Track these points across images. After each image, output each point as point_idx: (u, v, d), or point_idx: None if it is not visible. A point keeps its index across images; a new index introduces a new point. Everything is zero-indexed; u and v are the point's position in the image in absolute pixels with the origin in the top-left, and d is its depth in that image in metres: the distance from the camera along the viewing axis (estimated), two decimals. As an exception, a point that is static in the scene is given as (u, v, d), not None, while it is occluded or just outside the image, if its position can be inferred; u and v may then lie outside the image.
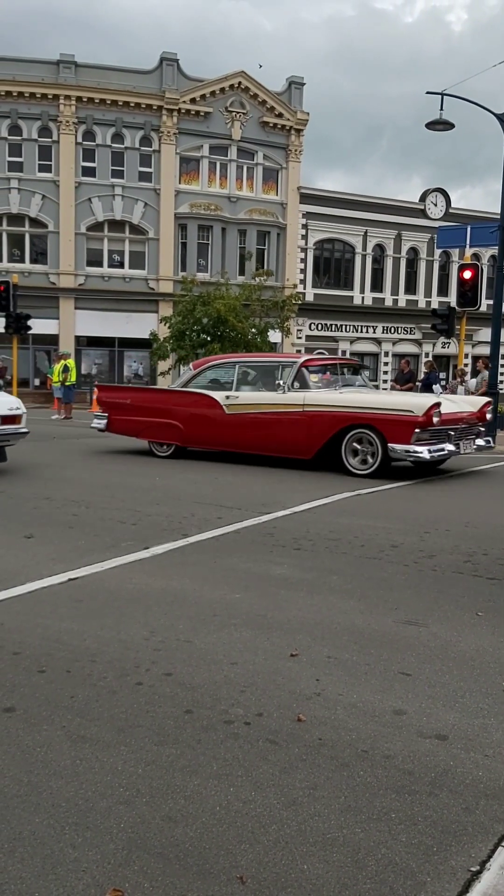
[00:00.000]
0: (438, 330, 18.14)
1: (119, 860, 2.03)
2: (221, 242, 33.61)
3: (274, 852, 2.07)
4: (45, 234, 31.81)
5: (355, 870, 2.01)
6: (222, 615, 4.03)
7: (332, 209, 35.56)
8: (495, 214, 17.60)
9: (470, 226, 19.67)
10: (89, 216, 32.04)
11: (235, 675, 3.24)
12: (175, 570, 4.91)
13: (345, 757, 2.58)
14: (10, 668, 3.30)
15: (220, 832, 2.16)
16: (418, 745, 2.68)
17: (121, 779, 2.43)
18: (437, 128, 17.43)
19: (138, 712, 2.90)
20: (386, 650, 3.57)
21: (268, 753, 2.60)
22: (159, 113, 32.28)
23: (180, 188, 33.06)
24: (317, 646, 3.61)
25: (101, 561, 5.08)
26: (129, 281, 32.75)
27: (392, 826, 2.20)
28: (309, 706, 2.96)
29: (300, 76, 34.95)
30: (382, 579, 4.77)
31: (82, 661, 3.38)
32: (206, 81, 32.92)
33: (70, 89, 30.90)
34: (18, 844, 2.10)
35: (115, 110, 31.77)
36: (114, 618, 3.96)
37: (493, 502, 8.11)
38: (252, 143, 34.05)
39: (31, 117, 31.07)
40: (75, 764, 2.52)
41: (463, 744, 2.69)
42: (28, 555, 5.26)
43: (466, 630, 3.87)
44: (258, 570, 4.93)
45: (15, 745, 2.64)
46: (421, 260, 38.02)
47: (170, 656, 3.45)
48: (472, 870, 2.01)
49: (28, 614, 4.02)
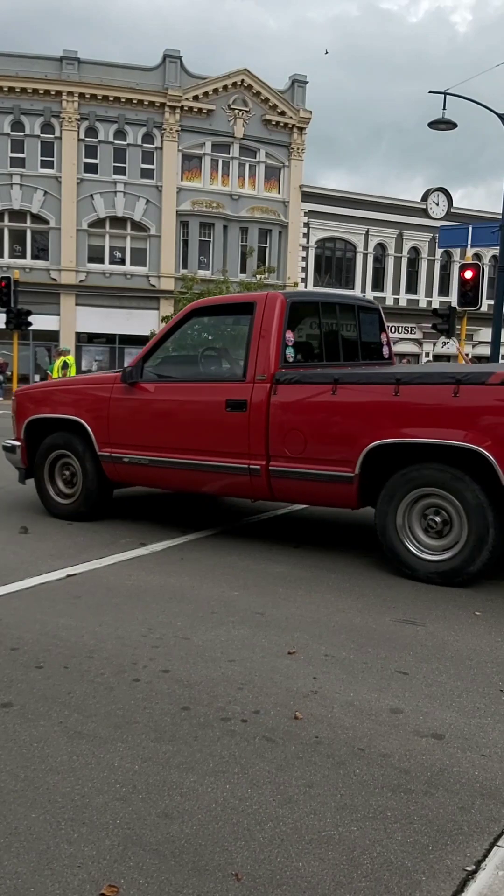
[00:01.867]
0: (439, 330, 18.17)
1: (115, 856, 2.04)
2: (223, 240, 33.59)
3: (269, 850, 2.07)
4: (47, 230, 31.78)
5: (350, 868, 2.01)
6: (220, 612, 4.04)
7: (333, 208, 35.54)
8: (497, 214, 17.62)
9: (471, 226, 19.66)
10: (91, 213, 32.00)
11: (233, 673, 3.24)
12: (173, 567, 4.91)
13: (341, 755, 2.59)
14: (7, 664, 3.30)
15: (215, 829, 2.16)
16: (415, 743, 2.68)
17: (117, 775, 2.43)
18: (440, 127, 17.42)
19: (135, 709, 2.90)
20: (383, 649, 3.57)
21: (264, 751, 2.60)
22: (162, 110, 32.24)
23: (182, 185, 33.03)
24: (314, 644, 3.61)
25: (100, 557, 5.08)
26: (131, 278, 32.73)
27: (388, 825, 2.20)
28: (306, 704, 2.97)
29: (303, 74, 34.93)
30: (381, 578, 4.77)
31: (80, 658, 3.38)
32: (209, 79, 32.87)
33: (73, 86, 30.86)
34: (14, 840, 2.10)
35: (117, 107, 31.73)
36: (112, 614, 3.97)
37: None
38: (254, 140, 34.01)
39: (33, 113, 31.03)
40: (72, 760, 2.52)
41: (459, 743, 2.69)
42: (27, 551, 5.26)
43: (464, 629, 3.87)
44: (257, 568, 4.93)
45: (12, 741, 2.64)
46: (422, 259, 38.01)
47: (167, 653, 3.45)
48: (467, 869, 2.01)
49: (26, 610, 4.02)
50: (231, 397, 5.30)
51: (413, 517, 4.75)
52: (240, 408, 5.25)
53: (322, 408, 4.98)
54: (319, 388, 5.00)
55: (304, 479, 5.07)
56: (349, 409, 4.88)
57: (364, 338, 6.37)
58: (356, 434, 4.81)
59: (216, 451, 5.39)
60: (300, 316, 5.68)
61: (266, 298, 5.40)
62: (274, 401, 5.14)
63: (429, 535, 4.71)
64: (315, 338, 5.92)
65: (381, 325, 6.65)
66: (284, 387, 5.13)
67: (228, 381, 5.45)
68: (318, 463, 4.99)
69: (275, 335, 5.27)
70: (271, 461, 5.18)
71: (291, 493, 5.27)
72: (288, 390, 5.12)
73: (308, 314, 5.85)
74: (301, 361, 5.56)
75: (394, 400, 4.70)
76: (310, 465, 5.02)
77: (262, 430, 5.17)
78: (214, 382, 5.51)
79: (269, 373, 5.22)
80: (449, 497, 4.57)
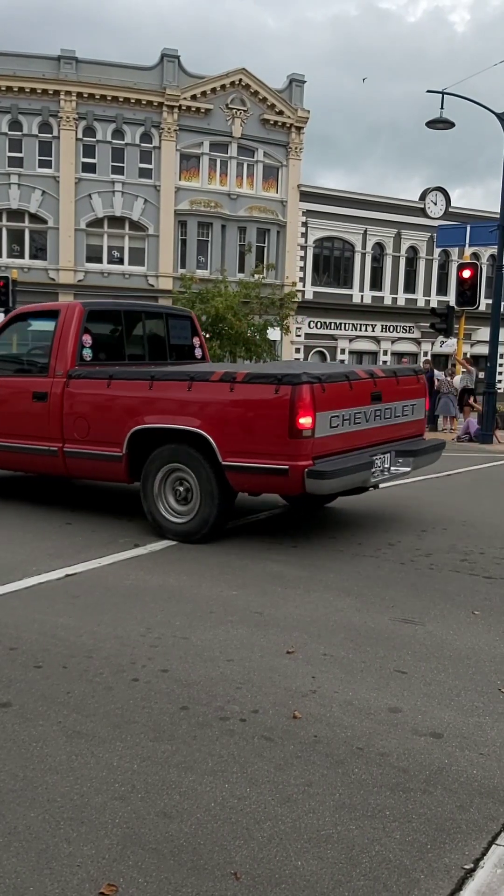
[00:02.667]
0: (437, 329, 18.14)
1: (114, 855, 2.04)
2: (221, 240, 33.56)
3: (268, 849, 2.08)
4: (45, 229, 31.74)
5: (349, 867, 2.01)
6: (219, 612, 4.04)
7: (332, 207, 35.50)
8: (495, 214, 17.60)
9: (469, 225, 19.67)
10: (89, 212, 31.96)
11: (231, 672, 3.25)
12: (172, 567, 4.92)
13: (340, 754, 2.59)
14: (6, 664, 3.30)
15: (214, 828, 2.17)
16: (413, 742, 2.68)
17: (116, 774, 2.44)
18: (438, 126, 17.41)
19: (134, 708, 2.90)
20: (382, 648, 3.57)
21: (263, 750, 2.60)
22: (160, 109, 32.20)
23: (180, 185, 33.00)
24: (313, 643, 3.61)
25: (99, 557, 5.08)
26: (129, 277, 32.70)
27: (386, 823, 2.21)
28: (304, 703, 2.97)
29: (301, 74, 34.91)
30: (379, 577, 4.77)
31: (79, 657, 3.39)
32: (207, 78, 32.83)
33: (71, 85, 30.80)
34: (14, 839, 2.11)
35: (115, 106, 31.68)
36: (110, 614, 3.97)
37: (492, 501, 8.11)
38: (252, 140, 33.97)
39: (31, 113, 30.97)
40: (71, 759, 2.52)
41: (458, 742, 2.69)
42: (26, 550, 5.26)
43: (462, 628, 3.88)
44: (255, 567, 4.93)
45: (11, 741, 2.65)
46: (420, 259, 37.99)
47: (166, 653, 3.45)
48: (465, 867, 2.01)
49: (25, 610, 4.02)
50: (37, 390, 6.29)
51: (167, 487, 5.72)
52: (43, 399, 6.24)
53: (100, 399, 5.99)
54: (99, 383, 6.00)
55: (89, 459, 6.04)
56: (118, 401, 5.88)
57: (173, 341, 7.48)
58: (123, 421, 5.77)
59: (32, 435, 6.34)
60: (100, 322, 6.73)
61: (67, 307, 6.44)
62: (66, 392, 6.11)
63: (178, 501, 5.69)
64: (118, 341, 6.94)
65: (194, 330, 7.77)
66: (75, 381, 6.10)
67: (37, 376, 6.42)
68: (98, 445, 5.94)
69: (72, 337, 6.21)
70: (66, 443, 6.13)
71: (83, 471, 6.34)
72: (77, 384, 6.10)
73: (109, 320, 6.95)
74: (100, 360, 6.45)
75: (148, 393, 5.71)
76: (92, 447, 5.98)
77: (59, 418, 6.15)
78: (29, 377, 6.54)
79: (65, 369, 6.18)
80: (188, 471, 5.58)
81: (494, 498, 8.48)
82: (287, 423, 5.08)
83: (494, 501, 8.15)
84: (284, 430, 5.10)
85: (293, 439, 5.09)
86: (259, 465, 5.25)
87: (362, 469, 5.46)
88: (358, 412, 5.64)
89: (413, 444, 6.36)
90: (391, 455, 5.98)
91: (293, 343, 34.01)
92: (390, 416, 6.12)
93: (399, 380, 6.36)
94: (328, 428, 5.30)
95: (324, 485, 5.17)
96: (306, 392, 5.08)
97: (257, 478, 5.37)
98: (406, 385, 6.45)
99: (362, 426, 5.72)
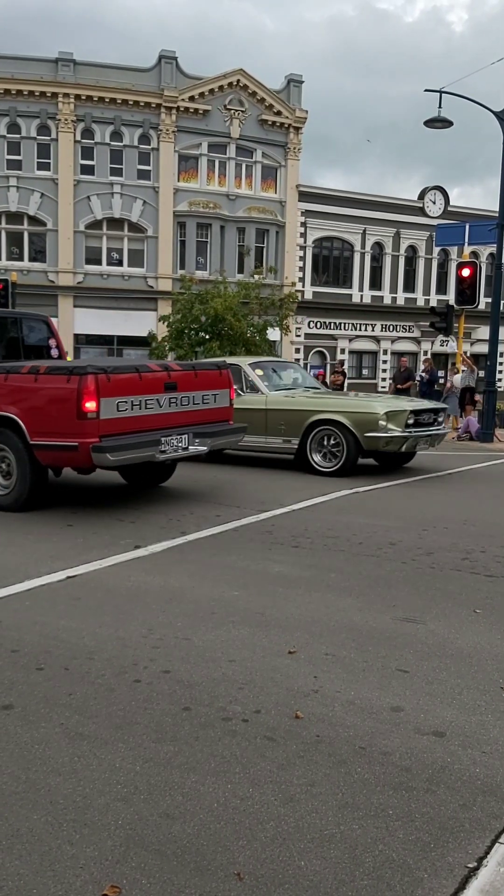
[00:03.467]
0: (437, 328, 18.15)
1: (117, 857, 2.04)
2: (220, 240, 33.55)
3: (271, 849, 2.08)
4: (44, 232, 31.75)
5: (352, 866, 2.01)
6: (220, 613, 4.04)
7: (330, 207, 35.49)
8: (494, 212, 17.60)
9: (468, 224, 19.66)
10: (88, 214, 31.97)
11: (233, 673, 3.24)
12: (173, 568, 4.92)
13: (342, 754, 2.59)
14: (8, 666, 3.30)
15: (217, 829, 2.16)
16: (416, 741, 2.68)
17: (118, 776, 2.44)
18: (436, 125, 17.40)
19: (136, 709, 2.90)
20: (384, 647, 3.57)
21: (265, 750, 2.60)
22: (158, 111, 32.20)
23: (179, 186, 33.00)
24: (315, 643, 3.61)
25: (100, 559, 5.08)
26: (128, 279, 32.70)
27: (389, 823, 2.20)
28: (307, 703, 2.97)
29: (299, 74, 34.90)
30: (380, 577, 4.77)
31: (80, 659, 3.38)
32: (205, 79, 32.82)
33: (69, 87, 30.81)
34: (16, 841, 2.11)
35: (113, 108, 31.69)
36: (112, 615, 3.97)
37: (492, 500, 8.11)
38: (251, 140, 33.97)
39: (29, 115, 30.99)
40: (73, 761, 2.52)
41: (460, 740, 2.69)
42: (27, 552, 5.26)
43: (464, 627, 3.88)
44: (256, 568, 4.93)
45: (13, 743, 2.64)
46: (419, 258, 37.98)
47: (168, 654, 3.45)
48: (469, 866, 2.01)
49: (26, 612, 4.02)
50: None
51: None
52: None
53: None
54: None
55: None
56: None
57: (27, 342, 8.68)
58: None
59: None
60: None
61: None
62: None
63: (3, 476, 6.74)
64: None
65: (51, 332, 9.06)
66: None
67: None
68: None
69: None
70: None
71: None
72: None
73: None
74: None
75: None
76: None
77: None
78: None
79: None
80: (7, 450, 6.65)
81: (495, 496, 8.47)
82: (75, 407, 6.08)
83: (495, 500, 8.15)
84: (73, 412, 6.10)
85: (80, 420, 6.09)
86: (56, 442, 6.29)
87: (146, 446, 6.42)
88: (150, 399, 6.60)
89: (213, 428, 7.28)
90: (188, 436, 6.91)
91: (293, 343, 34.00)
92: (188, 403, 7.09)
93: (198, 373, 7.36)
94: (115, 411, 6.26)
95: (107, 459, 6.12)
96: (91, 381, 6.07)
97: (56, 454, 6.42)
98: (205, 377, 7.40)
99: (155, 411, 6.68)
